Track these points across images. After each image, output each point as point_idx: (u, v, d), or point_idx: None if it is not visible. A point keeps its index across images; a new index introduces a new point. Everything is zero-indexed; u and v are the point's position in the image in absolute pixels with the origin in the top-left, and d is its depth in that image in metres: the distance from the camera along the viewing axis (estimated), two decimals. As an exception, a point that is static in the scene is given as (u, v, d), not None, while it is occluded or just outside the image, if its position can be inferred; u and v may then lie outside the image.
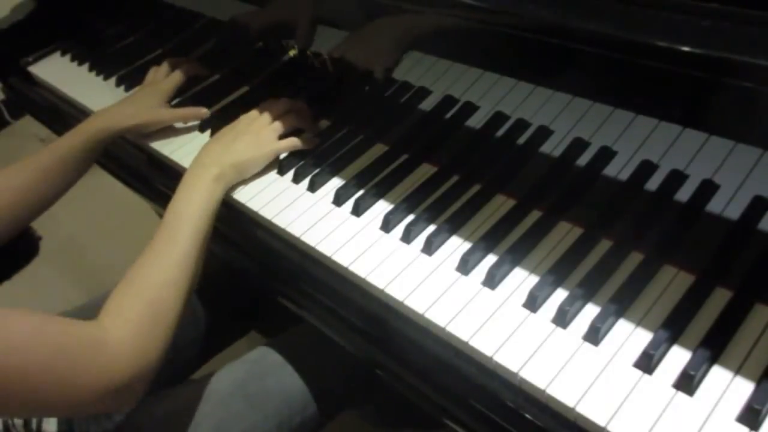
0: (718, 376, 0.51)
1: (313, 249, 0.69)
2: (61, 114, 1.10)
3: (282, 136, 0.81)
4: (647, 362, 0.52)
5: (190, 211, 0.70)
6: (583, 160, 0.68)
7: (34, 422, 0.73)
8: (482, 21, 0.61)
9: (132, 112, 0.89)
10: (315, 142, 0.83)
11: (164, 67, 0.99)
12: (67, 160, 0.86)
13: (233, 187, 0.78)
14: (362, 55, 0.80)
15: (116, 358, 0.57)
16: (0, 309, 0.53)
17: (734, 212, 0.59)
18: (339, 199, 0.73)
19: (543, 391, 0.52)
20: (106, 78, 1.10)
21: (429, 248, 0.65)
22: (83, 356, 0.55)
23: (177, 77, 0.96)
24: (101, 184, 1.23)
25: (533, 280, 0.60)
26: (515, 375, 0.54)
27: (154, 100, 0.92)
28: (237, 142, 0.78)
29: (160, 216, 0.69)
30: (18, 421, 0.72)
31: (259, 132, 0.80)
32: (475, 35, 0.65)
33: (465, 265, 0.63)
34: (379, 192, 0.73)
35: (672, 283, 0.58)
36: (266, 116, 0.82)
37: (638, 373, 0.52)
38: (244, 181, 0.78)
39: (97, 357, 0.56)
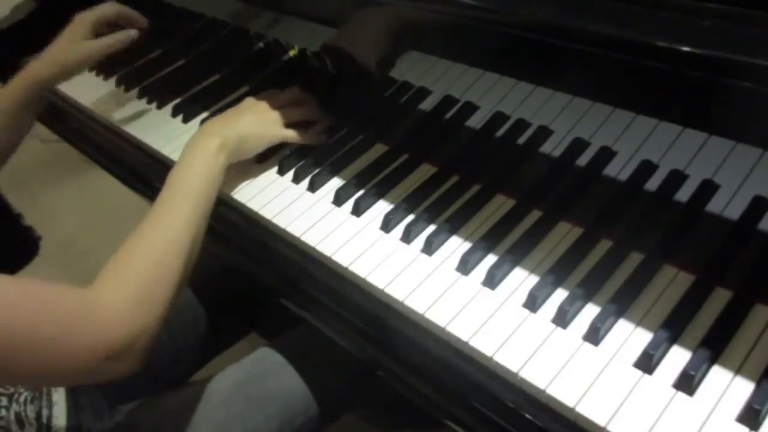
0: (718, 376, 0.51)
1: (313, 249, 0.69)
2: (61, 114, 1.10)
3: (288, 126, 0.80)
4: (647, 362, 0.52)
5: (192, 178, 0.68)
6: (583, 160, 0.68)
7: (44, 416, 0.72)
8: (482, 21, 0.61)
9: (58, 56, 0.88)
10: (322, 138, 0.82)
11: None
12: (7, 111, 0.85)
13: (233, 187, 0.78)
14: (362, 54, 0.80)
15: (110, 320, 0.55)
16: None
17: (734, 212, 0.59)
18: (339, 199, 0.73)
19: (543, 391, 0.52)
20: (106, 78, 1.10)
21: (429, 248, 0.65)
22: (73, 318, 0.54)
23: (103, 9, 0.92)
24: (101, 184, 1.23)
25: (533, 280, 0.60)
26: (515, 375, 0.54)
27: (78, 36, 0.89)
28: (241, 118, 0.77)
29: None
30: (30, 414, 0.71)
31: (264, 113, 0.79)
32: (475, 35, 0.65)
33: (465, 265, 0.63)
34: (379, 192, 0.73)
35: (672, 283, 0.58)
36: (274, 100, 0.81)
37: (638, 373, 0.52)
38: (245, 181, 0.78)
39: (89, 319, 0.54)
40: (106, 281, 0.59)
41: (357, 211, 0.72)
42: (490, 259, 0.63)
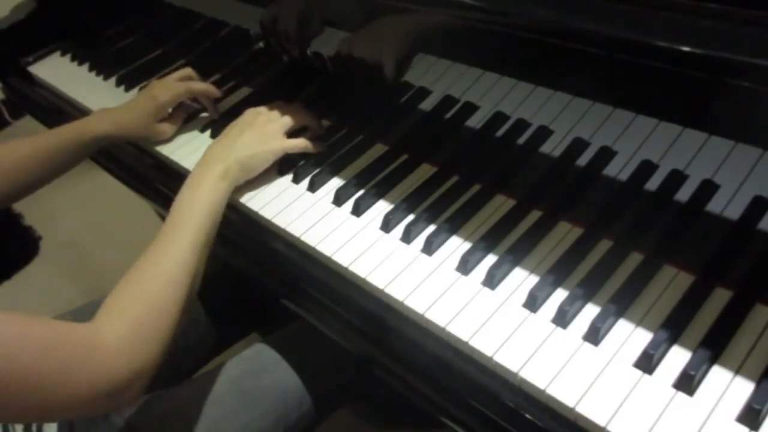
0: (718, 376, 0.51)
1: (313, 249, 0.69)
2: (61, 114, 1.10)
3: (289, 136, 0.80)
4: (647, 362, 0.52)
5: (194, 210, 0.68)
6: (583, 160, 0.68)
7: (34, 425, 0.72)
8: (482, 21, 0.61)
9: (129, 125, 0.88)
10: (323, 146, 0.82)
11: (173, 76, 0.94)
12: (63, 152, 0.85)
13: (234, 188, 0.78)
14: (362, 54, 0.80)
15: (110, 360, 0.55)
16: None
17: (734, 212, 0.59)
18: (339, 199, 0.73)
19: (543, 391, 0.52)
20: (106, 78, 1.10)
21: (429, 248, 0.65)
22: (74, 358, 0.54)
23: (179, 92, 0.90)
24: (101, 184, 1.23)
25: (533, 280, 0.60)
26: (515, 375, 0.54)
27: (151, 117, 0.88)
28: (241, 138, 0.76)
29: (160, 216, 0.69)
30: (18, 426, 0.71)
31: (264, 127, 0.78)
32: (475, 35, 0.65)
33: (465, 265, 0.63)
34: (379, 192, 0.73)
35: (672, 283, 0.58)
36: (272, 112, 0.80)
37: (638, 373, 0.52)
38: (244, 182, 0.78)
39: (89, 359, 0.54)
40: (107, 318, 0.58)
41: (357, 211, 0.72)
42: (490, 259, 0.63)
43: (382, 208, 0.72)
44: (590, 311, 0.57)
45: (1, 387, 0.49)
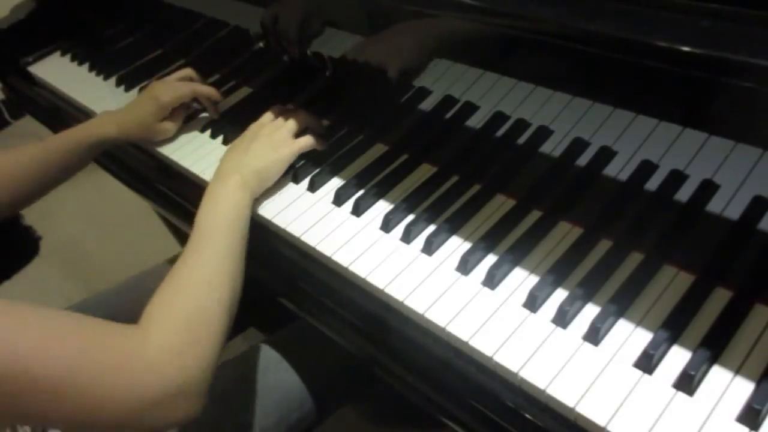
0: (718, 376, 0.51)
1: (313, 249, 0.69)
2: (61, 114, 1.10)
3: (294, 139, 0.79)
4: (647, 362, 0.52)
5: (218, 220, 0.67)
6: (583, 160, 0.68)
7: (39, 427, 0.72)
8: (482, 21, 0.61)
9: (132, 126, 0.88)
10: (326, 143, 0.82)
11: (174, 76, 0.94)
12: (67, 157, 0.86)
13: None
14: (362, 55, 0.80)
15: (154, 366, 0.52)
16: (26, 307, 0.49)
17: (734, 212, 0.59)
18: (339, 199, 0.73)
19: (543, 391, 0.52)
20: (106, 78, 1.10)
21: (429, 248, 0.65)
22: (116, 361, 0.50)
23: (182, 93, 0.90)
24: (101, 184, 1.24)
25: (533, 280, 0.60)
26: (515, 375, 0.54)
27: (153, 117, 0.88)
28: (252, 149, 0.75)
29: (160, 216, 0.69)
30: (26, 428, 0.71)
31: (272, 135, 0.78)
32: (475, 35, 0.65)
33: (465, 265, 0.63)
34: (379, 192, 0.73)
35: (672, 283, 0.58)
36: (274, 121, 0.80)
37: (638, 373, 0.52)
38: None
39: (132, 363, 0.51)
40: (149, 326, 0.56)
41: (357, 211, 0.72)
42: (490, 259, 0.63)
43: (382, 208, 0.72)
44: (590, 311, 0.57)
45: (35, 384, 0.47)
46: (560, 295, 0.59)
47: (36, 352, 0.47)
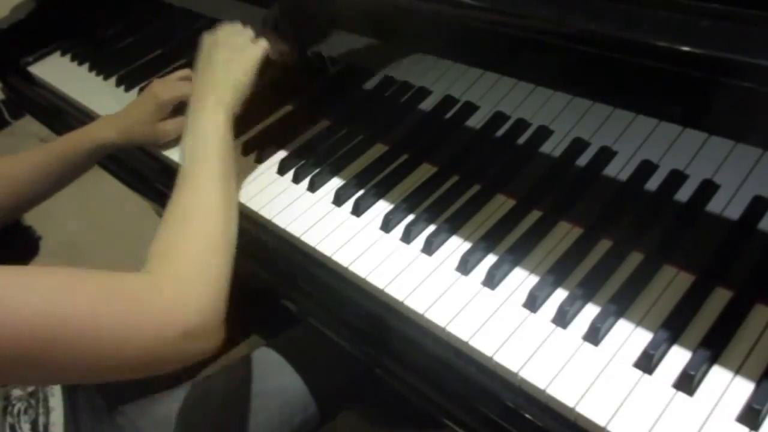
0: (718, 376, 0.51)
1: (313, 249, 0.69)
2: (61, 114, 1.10)
3: (255, 39, 0.76)
4: (647, 362, 0.52)
5: (205, 148, 0.66)
6: (583, 160, 0.68)
7: (41, 423, 0.72)
8: (482, 21, 0.61)
9: (133, 127, 0.87)
10: (294, 55, 0.79)
11: (174, 76, 0.93)
12: (68, 161, 0.85)
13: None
14: (362, 54, 0.80)
15: (174, 299, 0.53)
16: (30, 267, 0.50)
17: (734, 212, 0.59)
18: (339, 199, 0.73)
19: (543, 391, 0.52)
20: (106, 78, 1.10)
21: (429, 248, 0.65)
22: (137, 300, 0.51)
23: (183, 91, 0.88)
24: (101, 184, 1.24)
25: (533, 280, 0.60)
26: (515, 375, 0.54)
27: (153, 116, 0.87)
28: (214, 62, 0.73)
29: (160, 216, 0.69)
30: (25, 425, 0.71)
31: (229, 40, 0.75)
32: (475, 35, 0.65)
33: (465, 265, 0.63)
34: (379, 192, 0.73)
35: (672, 283, 0.58)
36: (230, 28, 0.77)
37: (638, 373, 0.52)
38: (245, 182, 0.78)
39: (153, 300, 0.51)
40: (160, 263, 0.56)
41: (357, 211, 0.72)
42: (490, 259, 0.63)
43: (382, 208, 0.72)
44: (590, 311, 0.57)
45: (61, 343, 0.46)
46: (560, 295, 0.59)
47: (53, 307, 0.47)
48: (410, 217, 0.70)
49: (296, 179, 0.78)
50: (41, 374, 0.50)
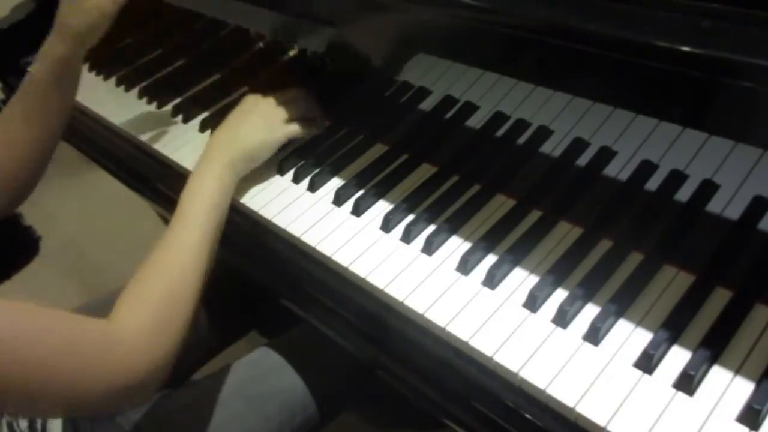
0: (718, 376, 0.51)
1: (313, 249, 0.69)
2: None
3: (290, 122, 0.78)
4: (647, 362, 0.52)
5: (203, 202, 0.68)
6: (583, 160, 0.68)
7: (39, 423, 0.72)
8: (482, 21, 0.61)
9: (83, 18, 0.82)
10: (323, 128, 0.81)
11: None
12: (43, 95, 0.81)
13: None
14: (362, 54, 0.80)
15: (130, 352, 0.55)
16: (7, 302, 0.51)
17: (734, 212, 0.59)
18: (339, 199, 0.73)
19: (543, 391, 0.52)
20: (106, 78, 1.10)
21: (429, 248, 0.65)
22: (94, 351, 0.53)
23: None
24: (101, 184, 1.24)
25: (533, 280, 0.60)
26: (515, 375, 0.54)
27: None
28: (243, 126, 0.75)
29: (161, 216, 0.69)
30: (23, 423, 0.71)
31: (267, 114, 0.77)
32: (475, 35, 0.65)
33: (465, 265, 0.63)
34: (379, 192, 0.73)
35: (672, 283, 0.58)
36: (274, 98, 0.78)
37: (638, 373, 0.52)
38: (244, 182, 0.78)
39: (109, 351, 0.54)
40: (124, 312, 0.58)
41: (357, 211, 0.72)
42: (490, 259, 0.63)
43: (382, 208, 0.72)
44: (590, 311, 0.57)
45: (20, 381, 0.48)
46: (560, 295, 0.59)
47: (15, 353, 0.49)
48: (410, 217, 0.70)
49: (296, 179, 0.78)
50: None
